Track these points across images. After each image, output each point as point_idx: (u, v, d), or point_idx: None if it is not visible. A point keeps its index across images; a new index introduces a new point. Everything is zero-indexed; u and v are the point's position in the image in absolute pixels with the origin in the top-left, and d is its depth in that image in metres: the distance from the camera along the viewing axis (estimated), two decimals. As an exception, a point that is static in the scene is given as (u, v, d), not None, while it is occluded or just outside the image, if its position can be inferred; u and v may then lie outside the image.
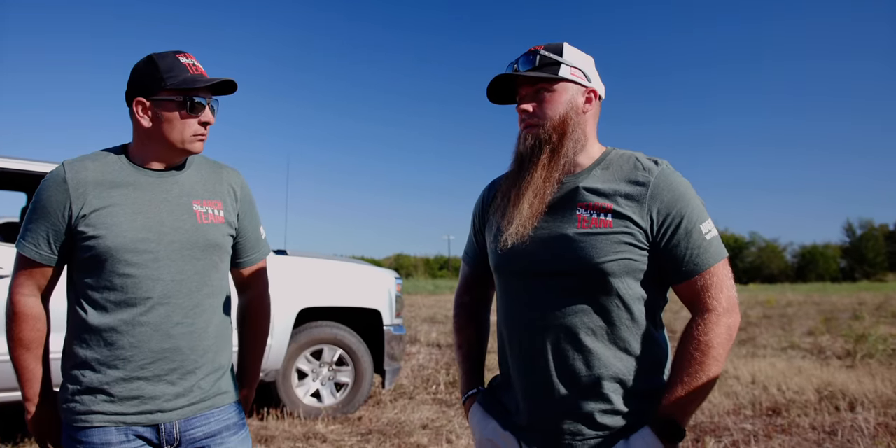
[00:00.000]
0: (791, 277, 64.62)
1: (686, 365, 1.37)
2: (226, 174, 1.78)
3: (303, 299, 4.89)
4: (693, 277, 1.40)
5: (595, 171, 1.48)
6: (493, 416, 1.59)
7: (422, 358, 8.20)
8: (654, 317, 1.46)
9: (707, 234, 1.41)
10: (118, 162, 1.64)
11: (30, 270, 1.61)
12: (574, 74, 1.48)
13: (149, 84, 1.60)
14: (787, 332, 11.17)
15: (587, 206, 1.43)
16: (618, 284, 1.40)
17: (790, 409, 5.13)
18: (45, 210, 1.57)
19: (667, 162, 1.47)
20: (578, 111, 1.48)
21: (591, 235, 1.40)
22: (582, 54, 1.52)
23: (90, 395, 1.55)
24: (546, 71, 1.46)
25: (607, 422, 1.41)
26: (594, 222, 1.40)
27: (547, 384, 1.44)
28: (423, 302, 21.20)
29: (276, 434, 4.41)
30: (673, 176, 1.44)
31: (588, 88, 1.50)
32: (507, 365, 1.56)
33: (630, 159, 1.48)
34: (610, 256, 1.38)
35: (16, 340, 1.60)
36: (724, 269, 1.41)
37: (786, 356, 8.20)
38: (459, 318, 1.78)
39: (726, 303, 1.39)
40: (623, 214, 1.40)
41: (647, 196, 1.40)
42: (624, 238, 1.39)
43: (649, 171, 1.43)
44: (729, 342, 1.38)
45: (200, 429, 1.63)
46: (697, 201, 1.43)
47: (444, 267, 75.59)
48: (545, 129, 1.46)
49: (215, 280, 1.69)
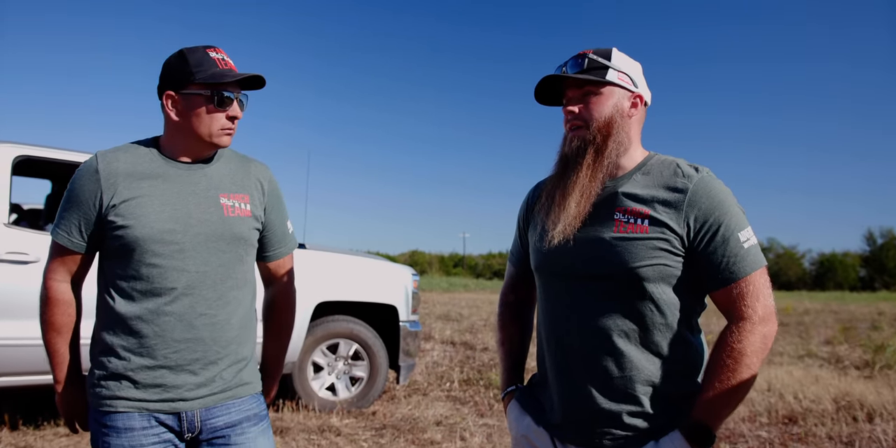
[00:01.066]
0: (809, 285, 63.88)
1: (718, 371, 1.37)
2: (254, 168, 1.80)
3: (320, 293, 4.92)
4: (729, 285, 1.40)
5: (636, 176, 1.50)
6: (528, 412, 1.61)
7: (436, 355, 8.22)
8: (689, 322, 1.47)
9: (745, 242, 1.41)
10: (149, 154, 1.66)
11: (62, 257, 1.64)
12: (621, 79, 1.50)
13: (178, 78, 1.62)
14: (805, 341, 11.05)
15: (625, 211, 1.44)
16: (652, 289, 1.41)
17: (807, 417, 5.08)
18: (78, 199, 1.60)
19: (708, 169, 1.48)
20: (624, 115, 1.50)
21: (628, 240, 1.41)
22: (630, 60, 1.54)
23: (115, 380, 1.58)
24: (594, 74, 1.48)
25: (638, 423, 1.42)
26: (631, 227, 1.42)
27: (580, 384, 1.46)
28: (437, 299, 21.23)
29: (291, 426, 4.45)
30: (713, 183, 1.44)
31: (634, 93, 1.52)
32: (545, 364, 1.58)
33: (671, 165, 1.49)
34: (645, 261, 1.39)
35: (48, 324, 1.64)
36: (762, 278, 1.41)
37: (803, 364, 8.11)
38: (503, 316, 1.81)
39: (762, 311, 1.39)
40: (660, 221, 1.41)
41: (684, 203, 1.41)
42: (660, 244, 1.40)
43: (688, 178, 1.44)
44: (763, 351, 1.38)
45: (221, 418, 1.65)
46: (737, 209, 1.43)
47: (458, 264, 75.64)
48: (590, 130, 1.49)
49: (240, 273, 1.71)
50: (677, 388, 1.44)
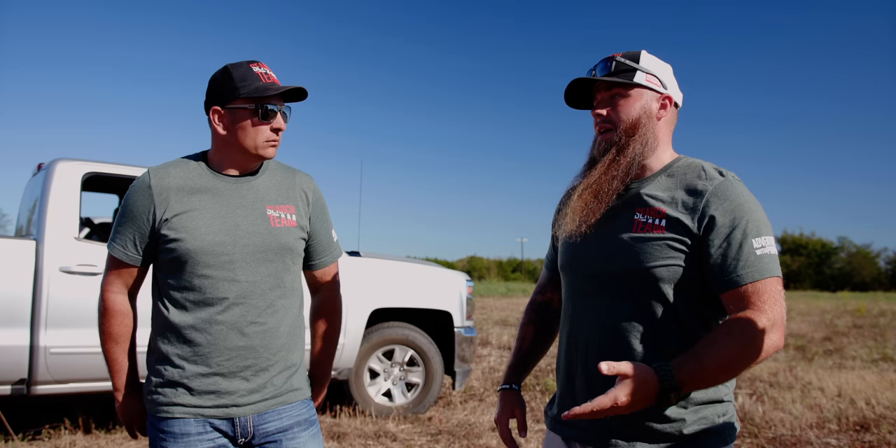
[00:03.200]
0: (885, 285, 60.72)
1: (708, 341, 1.30)
2: (298, 179, 1.84)
3: (375, 300, 4.98)
4: (736, 288, 1.34)
5: (660, 177, 1.49)
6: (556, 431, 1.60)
7: (493, 360, 8.20)
8: (706, 325, 1.43)
9: (759, 249, 1.35)
10: (198, 168, 1.72)
11: (118, 270, 1.72)
12: (650, 81, 1.50)
13: (224, 93, 1.68)
14: (879, 344, 10.57)
15: (644, 211, 1.44)
16: (667, 290, 1.39)
17: (880, 425, 4.86)
18: (132, 214, 1.68)
19: (734, 174, 1.45)
20: (651, 116, 1.50)
21: (644, 240, 1.40)
22: (659, 62, 1.54)
23: (171, 388, 1.65)
24: (622, 77, 1.48)
25: (654, 426, 1.39)
26: (648, 227, 1.41)
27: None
28: (495, 304, 21.18)
29: (349, 431, 4.52)
30: (735, 186, 1.41)
31: (663, 95, 1.51)
32: (563, 364, 1.57)
33: (696, 168, 1.47)
34: (659, 262, 1.38)
35: (106, 334, 1.72)
36: (774, 287, 1.34)
37: (877, 369, 7.76)
38: (526, 314, 1.82)
39: (772, 315, 1.31)
40: (676, 221, 1.39)
41: (702, 203, 1.39)
42: (675, 244, 1.38)
43: (711, 180, 1.42)
44: (761, 345, 1.28)
45: (273, 423, 1.70)
46: (758, 215, 1.39)
47: (517, 270, 75.24)
48: (617, 132, 1.49)
49: (288, 281, 1.76)
50: (698, 392, 1.40)
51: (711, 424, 1.40)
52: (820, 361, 8.44)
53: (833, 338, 11.58)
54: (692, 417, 1.39)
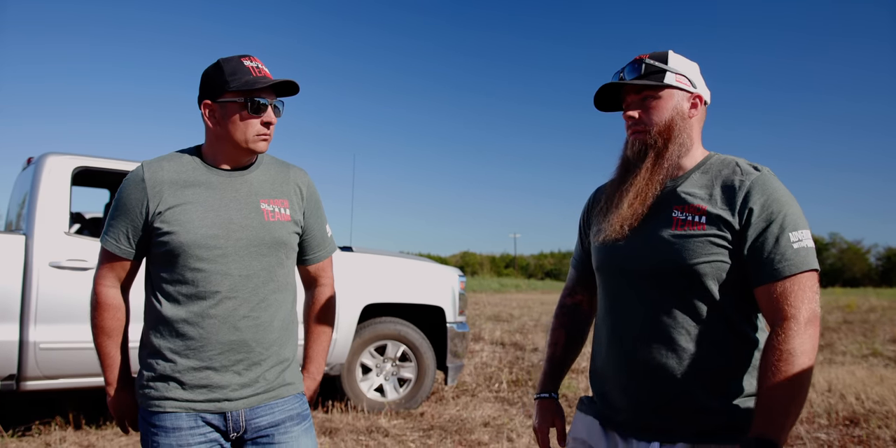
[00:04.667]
0: (875, 281, 61.21)
1: (771, 377, 1.32)
2: (292, 174, 1.84)
3: (367, 295, 4.98)
4: (773, 282, 1.37)
5: (694, 174, 1.52)
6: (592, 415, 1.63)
7: (485, 356, 8.22)
8: (749, 319, 1.46)
9: (796, 242, 1.38)
10: (192, 162, 1.72)
11: (111, 263, 1.71)
12: (679, 81, 1.51)
13: (215, 87, 1.68)
14: (869, 339, 10.64)
15: (683, 208, 1.46)
16: (710, 285, 1.41)
17: (869, 419, 4.90)
18: (125, 207, 1.67)
19: (769, 169, 1.48)
20: (684, 116, 1.52)
21: (685, 237, 1.42)
22: (687, 61, 1.56)
23: (163, 382, 1.64)
24: (652, 79, 1.50)
25: (699, 419, 1.42)
26: (688, 225, 1.43)
27: (641, 379, 1.47)
28: (488, 300, 21.22)
29: (340, 426, 4.52)
30: (771, 181, 1.44)
31: (693, 94, 1.53)
32: (601, 362, 1.59)
33: (730, 164, 1.50)
34: (702, 258, 1.40)
35: (98, 328, 1.71)
36: (809, 281, 1.37)
37: (867, 364, 7.82)
38: (557, 318, 1.82)
39: (807, 314, 1.34)
40: (716, 216, 1.42)
41: (740, 198, 1.41)
42: (716, 240, 1.41)
43: (747, 175, 1.44)
44: (813, 351, 1.32)
45: (265, 418, 1.70)
46: (794, 209, 1.41)
47: (510, 265, 75.30)
48: (651, 134, 1.51)
49: (281, 276, 1.75)
50: (737, 384, 1.44)
51: (749, 415, 1.42)
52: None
53: (824, 333, 11.65)
54: (740, 408, 1.42)
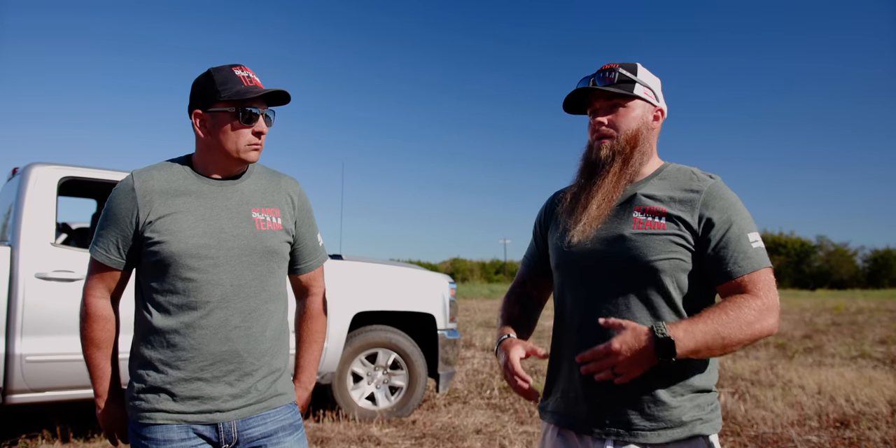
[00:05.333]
0: (862, 283, 61.67)
1: (713, 310, 1.43)
2: (284, 183, 1.84)
3: (358, 303, 4.96)
4: (736, 278, 1.48)
5: (653, 180, 1.62)
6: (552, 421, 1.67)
7: (476, 362, 8.20)
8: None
9: (754, 243, 1.50)
10: (182, 171, 1.71)
11: (101, 274, 1.70)
12: (646, 93, 1.63)
13: (205, 96, 1.68)
14: (858, 341, 10.72)
15: (643, 209, 1.55)
16: (668, 282, 1.50)
17: (859, 421, 4.93)
18: (115, 217, 1.66)
19: (720, 177, 1.60)
20: (648, 127, 1.63)
21: (646, 236, 1.51)
22: (652, 75, 1.67)
23: (154, 393, 1.62)
24: (622, 87, 1.60)
25: (656, 413, 1.49)
26: (649, 224, 1.53)
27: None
28: (478, 306, 21.18)
29: (332, 436, 4.49)
30: (725, 188, 1.56)
31: (657, 107, 1.65)
32: (561, 361, 1.65)
33: (686, 172, 1.62)
34: (661, 255, 1.49)
35: (87, 339, 1.69)
36: (769, 276, 1.49)
37: (855, 366, 7.88)
38: (506, 300, 1.86)
39: (772, 301, 1.45)
40: (676, 217, 1.52)
41: (699, 202, 1.52)
42: (675, 239, 1.50)
43: (703, 182, 1.56)
44: (760, 322, 1.42)
45: (257, 429, 1.68)
46: (747, 214, 1.54)
47: (500, 271, 75.29)
48: (619, 141, 1.60)
49: (273, 285, 1.74)
50: (690, 380, 1.51)
51: (704, 412, 1.51)
52: (800, 359, 8.54)
53: (813, 336, 11.74)
54: (689, 404, 1.50)
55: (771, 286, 1.47)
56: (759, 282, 1.46)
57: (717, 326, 1.40)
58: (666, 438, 1.48)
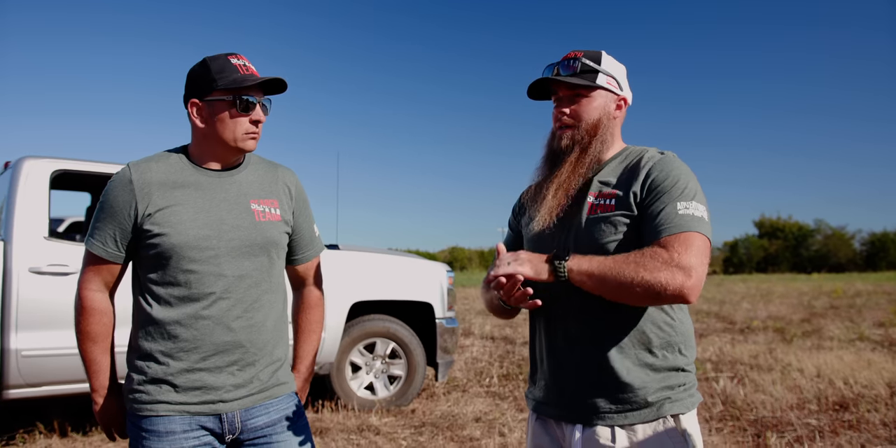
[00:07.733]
0: (860, 266, 61.82)
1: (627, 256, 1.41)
2: (281, 173, 1.83)
3: (355, 293, 4.95)
4: (658, 239, 1.43)
5: (612, 164, 1.63)
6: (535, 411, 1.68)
7: (475, 351, 8.22)
8: None
9: (682, 210, 1.45)
10: (179, 163, 1.69)
11: (97, 267, 1.68)
12: (609, 83, 1.62)
13: (202, 85, 1.66)
14: (856, 324, 10.75)
15: (598, 195, 1.57)
16: None
17: (858, 404, 4.95)
18: (112, 209, 1.64)
19: (674, 153, 1.60)
20: (610, 116, 1.63)
21: (598, 221, 1.53)
22: (617, 63, 1.66)
23: (155, 385, 1.62)
24: (584, 77, 1.59)
25: (620, 396, 1.49)
26: (601, 208, 1.55)
27: (567, 360, 1.56)
28: (477, 294, 21.22)
29: (331, 426, 4.49)
30: (674, 161, 1.55)
31: (620, 96, 1.64)
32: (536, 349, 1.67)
33: (641, 151, 1.62)
34: (612, 237, 1.51)
35: (83, 333, 1.68)
36: (691, 239, 1.41)
37: (854, 348, 7.89)
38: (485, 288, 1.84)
39: (681, 258, 1.37)
40: (623, 197, 1.52)
41: (642, 175, 1.53)
42: (624, 220, 1.51)
43: (651, 158, 1.57)
44: (658, 276, 1.35)
45: (260, 418, 1.69)
46: (692, 185, 1.50)
47: (497, 259, 75.17)
48: (579, 130, 1.61)
49: (273, 276, 1.74)
50: (660, 363, 1.51)
51: (674, 392, 1.51)
52: (799, 343, 8.56)
53: (811, 319, 11.77)
54: (656, 386, 1.50)
55: (689, 247, 1.39)
56: (676, 242, 1.40)
57: (614, 262, 1.39)
58: (632, 420, 1.48)
